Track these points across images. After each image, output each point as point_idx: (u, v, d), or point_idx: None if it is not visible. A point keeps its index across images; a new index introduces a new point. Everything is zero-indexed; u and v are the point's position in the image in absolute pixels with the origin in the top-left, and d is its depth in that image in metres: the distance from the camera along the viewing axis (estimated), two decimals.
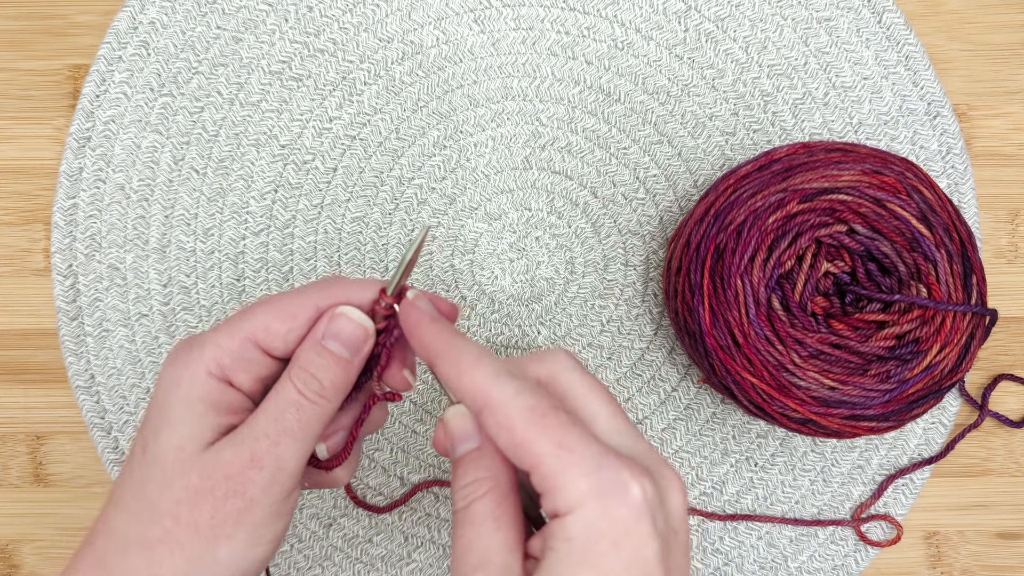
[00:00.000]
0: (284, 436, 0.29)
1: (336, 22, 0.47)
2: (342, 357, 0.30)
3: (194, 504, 0.28)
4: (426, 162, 0.47)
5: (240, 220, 0.47)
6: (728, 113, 0.47)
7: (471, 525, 0.27)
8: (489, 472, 0.28)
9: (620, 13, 0.47)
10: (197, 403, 0.29)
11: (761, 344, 0.38)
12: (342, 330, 0.31)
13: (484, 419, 0.27)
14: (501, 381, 0.27)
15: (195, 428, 0.29)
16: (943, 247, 0.38)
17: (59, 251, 0.47)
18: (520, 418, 0.26)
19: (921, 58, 0.47)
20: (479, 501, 0.28)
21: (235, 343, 0.30)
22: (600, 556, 0.25)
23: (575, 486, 0.25)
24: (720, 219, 0.40)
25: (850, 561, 0.46)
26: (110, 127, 0.47)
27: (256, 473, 0.29)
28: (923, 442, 0.46)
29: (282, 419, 0.29)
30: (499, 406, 0.27)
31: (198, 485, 0.29)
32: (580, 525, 0.25)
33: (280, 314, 0.31)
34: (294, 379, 0.30)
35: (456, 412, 0.30)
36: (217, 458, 0.29)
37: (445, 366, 0.28)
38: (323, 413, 0.30)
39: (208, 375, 0.30)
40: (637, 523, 0.25)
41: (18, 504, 0.47)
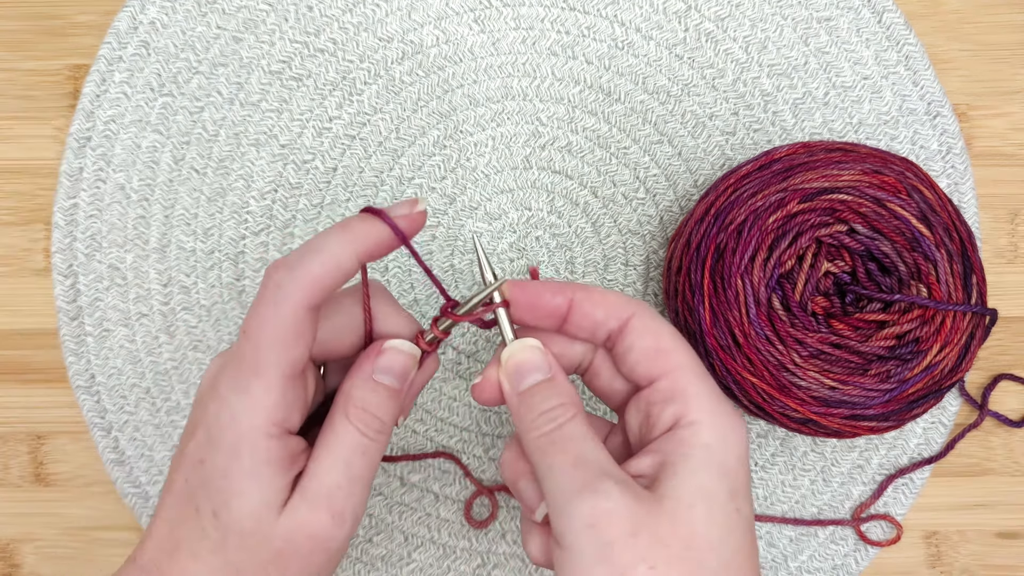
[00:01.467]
0: (357, 484, 0.29)
1: (336, 22, 0.47)
2: (394, 388, 0.30)
3: (281, 566, 0.28)
4: (426, 162, 0.47)
5: (240, 220, 0.47)
6: (728, 113, 0.47)
7: (572, 441, 0.28)
8: (570, 397, 0.29)
9: (620, 13, 0.47)
10: (264, 469, 0.28)
11: (761, 344, 0.38)
12: (393, 363, 0.30)
13: (631, 325, 0.29)
14: (640, 301, 0.30)
15: (267, 494, 0.28)
16: (943, 247, 0.38)
17: (59, 251, 0.47)
18: (666, 329, 0.29)
19: (921, 58, 0.47)
20: (571, 422, 0.28)
21: (280, 394, 0.28)
22: (732, 467, 0.27)
23: (708, 398, 0.28)
24: (720, 219, 0.40)
25: (850, 561, 0.46)
26: (110, 127, 0.47)
27: (337, 530, 0.28)
28: (923, 442, 0.46)
29: (352, 468, 0.29)
30: (648, 317, 0.29)
31: (282, 548, 0.28)
32: (716, 435, 0.27)
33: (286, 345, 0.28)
34: (354, 421, 0.29)
35: (522, 344, 0.30)
36: (297, 520, 0.28)
37: (589, 293, 0.29)
38: (382, 449, 0.30)
39: (268, 438, 0.28)
40: (747, 451, 0.28)
41: (18, 504, 0.47)
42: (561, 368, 0.30)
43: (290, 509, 0.28)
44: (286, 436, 0.29)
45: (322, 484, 0.28)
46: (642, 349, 0.29)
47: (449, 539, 0.46)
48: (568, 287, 0.30)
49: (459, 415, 0.47)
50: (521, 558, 0.46)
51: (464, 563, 0.46)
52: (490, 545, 0.46)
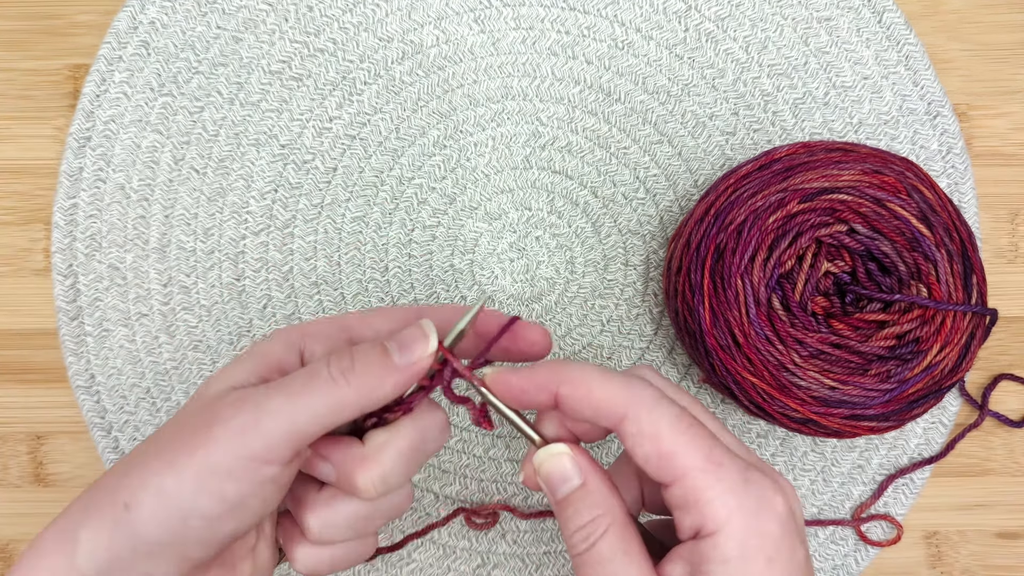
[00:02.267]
0: (279, 393, 0.26)
1: (336, 22, 0.47)
2: (390, 357, 0.28)
3: (173, 431, 0.27)
4: (426, 162, 0.47)
5: (240, 220, 0.47)
6: (728, 113, 0.47)
7: (601, 565, 0.27)
8: (604, 507, 0.27)
9: (620, 13, 0.47)
10: (251, 353, 0.29)
11: (761, 344, 0.38)
12: (406, 335, 0.28)
13: (625, 428, 0.26)
14: (638, 389, 0.27)
15: (232, 371, 0.28)
16: (943, 247, 0.38)
17: (59, 251, 0.47)
18: (667, 426, 0.26)
19: (921, 58, 0.47)
20: (603, 539, 0.27)
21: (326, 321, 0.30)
22: (758, 571, 0.25)
23: (724, 502, 0.25)
24: (720, 219, 0.40)
25: (850, 561, 0.46)
26: (110, 127, 0.47)
27: (229, 411, 0.26)
28: (923, 442, 0.46)
29: (290, 378, 0.27)
30: (642, 414, 0.26)
31: (187, 415, 0.28)
32: (733, 544, 0.25)
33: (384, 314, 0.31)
34: (331, 355, 0.28)
35: (548, 453, 0.28)
36: (222, 397, 0.27)
37: (574, 388, 0.27)
38: (336, 396, 0.26)
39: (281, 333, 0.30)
40: (784, 536, 0.25)
41: (18, 504, 0.47)
42: (596, 468, 0.28)
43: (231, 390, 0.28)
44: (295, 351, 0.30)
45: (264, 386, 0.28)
46: (643, 457, 0.26)
47: (449, 539, 0.46)
48: (553, 376, 0.27)
49: (459, 415, 0.47)
50: (521, 558, 0.46)
51: (464, 563, 0.46)
52: (490, 545, 0.46)
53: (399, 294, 0.47)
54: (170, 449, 0.26)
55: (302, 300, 0.47)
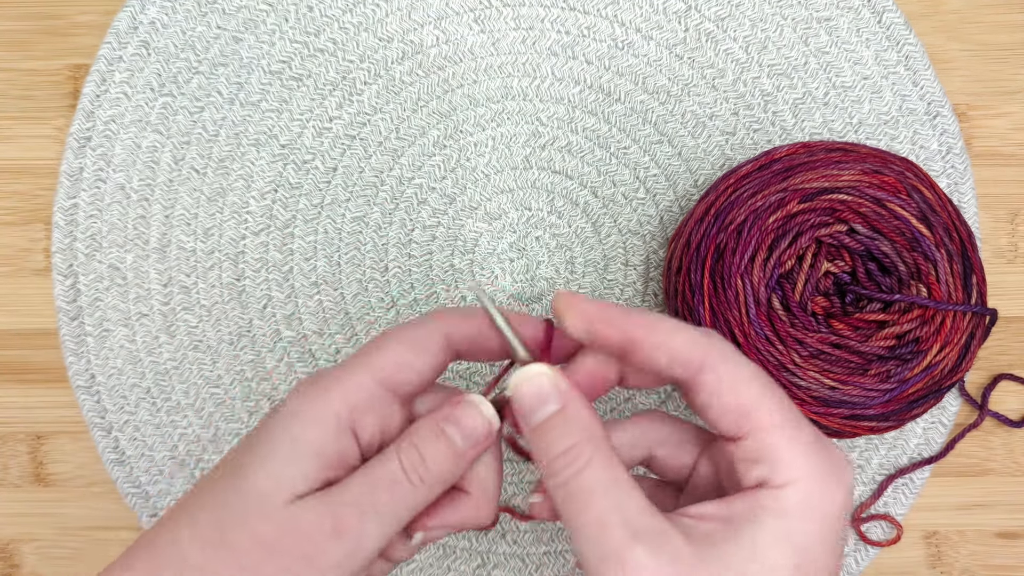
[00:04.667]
0: (372, 514, 0.26)
1: (336, 22, 0.47)
2: (456, 445, 0.27)
3: (263, 557, 0.26)
4: (426, 162, 0.47)
5: (240, 220, 0.47)
6: (728, 113, 0.47)
7: (592, 496, 0.24)
8: (584, 432, 0.25)
9: (620, 13, 0.47)
10: (307, 446, 0.26)
11: (761, 344, 0.38)
12: (464, 418, 0.28)
13: (703, 378, 0.25)
14: (716, 340, 0.26)
15: (293, 475, 0.26)
16: (943, 247, 0.38)
17: (59, 251, 0.47)
18: (747, 380, 0.25)
19: (921, 58, 0.47)
20: (588, 468, 0.25)
21: (367, 380, 0.27)
22: (809, 536, 0.24)
23: (798, 461, 0.24)
24: (720, 219, 0.40)
25: (850, 561, 0.46)
26: (110, 127, 0.47)
27: (333, 545, 0.26)
28: (923, 442, 0.46)
29: (375, 492, 0.26)
30: (723, 363, 0.25)
31: (272, 538, 0.26)
32: (797, 499, 0.24)
33: (412, 346, 0.28)
34: (401, 453, 0.27)
35: (525, 375, 0.26)
36: (299, 514, 0.26)
37: (651, 332, 0.25)
38: (417, 498, 0.27)
39: (334, 416, 0.27)
40: (844, 509, 0.25)
41: (18, 504, 0.47)
42: (577, 393, 0.26)
43: (300, 502, 0.26)
44: (349, 435, 0.27)
45: (341, 495, 0.26)
46: (720, 408, 0.25)
47: (449, 539, 0.46)
48: (627, 319, 0.26)
49: None
50: (521, 558, 0.46)
51: (464, 563, 0.46)
52: (490, 545, 0.46)
53: (399, 294, 0.47)
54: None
55: (302, 300, 0.47)
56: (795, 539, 0.24)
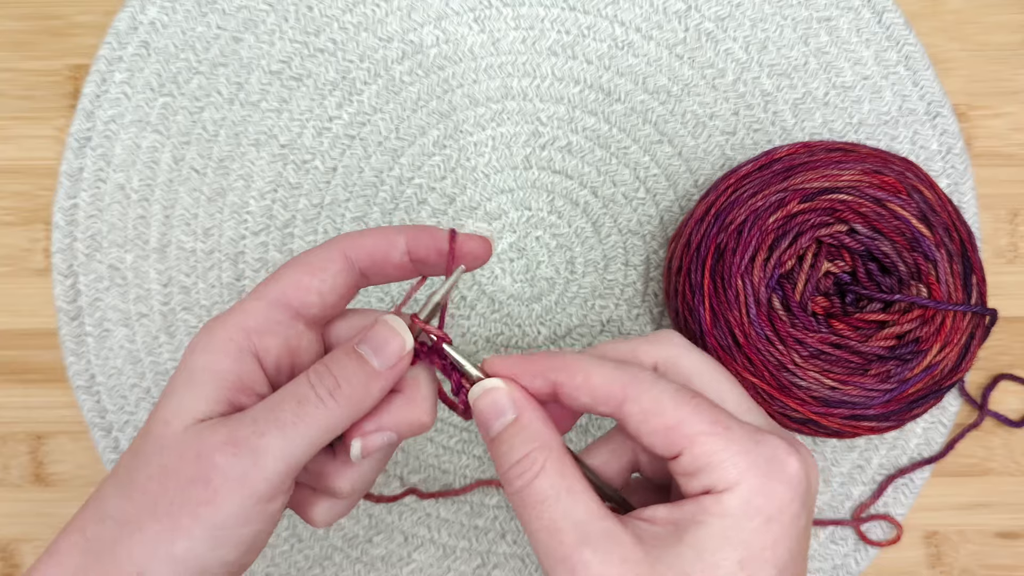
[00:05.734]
0: (272, 428, 0.26)
1: (336, 22, 0.47)
2: (370, 364, 0.27)
3: (161, 485, 0.25)
4: (426, 162, 0.47)
5: (240, 220, 0.47)
6: (728, 113, 0.47)
7: (544, 504, 0.25)
8: (538, 441, 0.26)
9: (620, 13, 0.47)
10: (201, 372, 0.26)
11: (762, 344, 0.38)
12: (377, 336, 0.28)
13: (627, 410, 0.26)
14: (633, 371, 0.26)
15: (190, 401, 0.26)
16: (943, 247, 0.38)
17: (59, 251, 0.47)
18: (668, 400, 0.26)
19: (921, 58, 0.47)
20: (541, 475, 0.26)
21: (262, 305, 0.27)
22: (752, 533, 0.24)
23: (734, 463, 0.25)
24: (721, 219, 0.40)
25: (850, 561, 0.46)
26: (110, 127, 0.47)
27: (227, 460, 0.25)
28: (923, 442, 0.46)
29: (278, 408, 0.26)
30: (643, 392, 0.26)
31: (169, 464, 0.25)
32: (737, 501, 0.25)
33: (308, 268, 0.28)
34: (309, 372, 0.27)
35: (481, 388, 0.27)
36: (194, 436, 0.26)
37: (571, 375, 0.27)
38: (329, 418, 0.26)
39: (227, 340, 0.27)
40: (792, 501, 0.25)
41: (18, 504, 0.47)
42: (531, 404, 0.27)
43: (200, 426, 0.26)
44: (250, 358, 0.27)
45: (243, 414, 0.26)
46: (649, 433, 0.26)
47: (449, 539, 0.46)
48: (549, 367, 0.27)
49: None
50: (521, 558, 0.46)
51: (464, 563, 0.46)
52: (490, 545, 0.46)
53: (399, 295, 0.47)
54: (168, 510, 0.25)
55: None
56: (738, 538, 0.24)
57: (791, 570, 0.25)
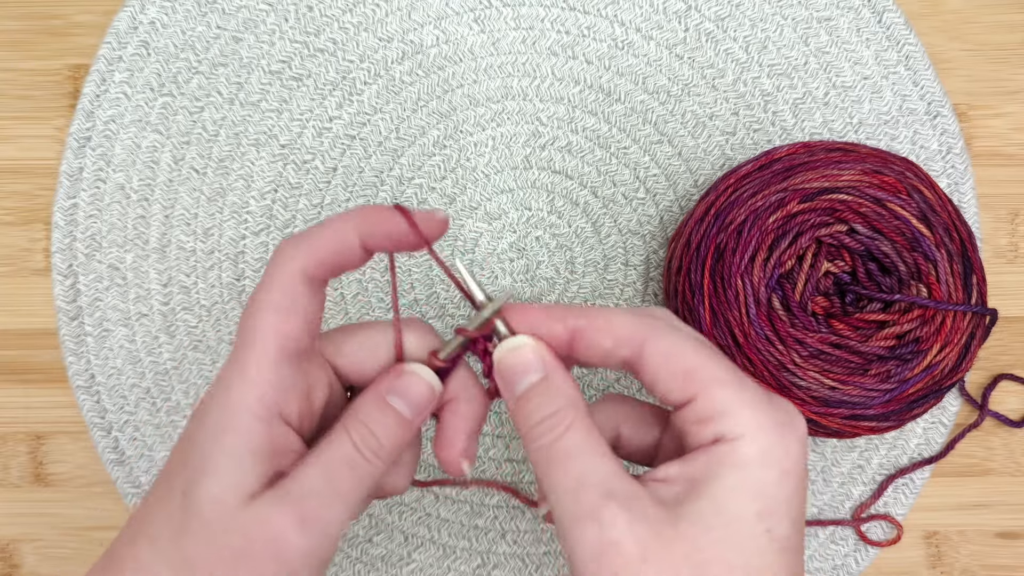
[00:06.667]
0: (335, 499, 0.26)
1: (336, 22, 0.47)
2: (404, 417, 0.28)
3: (232, 567, 0.25)
4: (426, 162, 0.47)
5: (240, 220, 0.47)
6: (728, 113, 0.47)
7: (570, 460, 0.25)
8: (566, 400, 0.27)
9: (620, 13, 0.47)
10: (242, 453, 0.26)
11: (761, 344, 0.38)
12: (409, 388, 0.28)
13: (647, 351, 0.26)
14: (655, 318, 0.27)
15: (240, 479, 0.26)
16: (943, 247, 0.38)
17: (59, 251, 0.47)
18: (689, 346, 0.26)
19: (921, 58, 0.47)
20: (569, 433, 0.26)
21: (267, 368, 0.27)
22: (770, 485, 0.25)
23: (750, 413, 0.25)
24: (720, 219, 0.40)
25: (850, 561, 0.46)
26: (110, 127, 0.47)
27: (300, 539, 0.26)
28: (923, 442, 0.46)
29: (335, 478, 0.26)
30: (662, 336, 0.26)
31: (238, 546, 0.25)
32: (754, 451, 0.25)
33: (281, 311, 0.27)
34: (351, 432, 0.27)
35: (510, 345, 0.28)
36: (261, 516, 0.26)
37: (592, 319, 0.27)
38: (376, 474, 0.27)
39: (254, 419, 0.26)
40: (801, 457, 0.25)
41: (18, 504, 0.47)
42: (559, 364, 0.27)
43: (257, 503, 0.26)
44: (278, 423, 0.27)
45: (297, 485, 0.26)
46: (667, 376, 0.26)
47: (449, 539, 0.46)
48: (569, 313, 0.27)
49: None
50: (521, 558, 0.46)
51: (464, 563, 0.46)
52: (490, 545, 0.46)
53: (399, 294, 0.47)
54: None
55: None
56: (755, 487, 0.25)
57: (800, 528, 0.25)
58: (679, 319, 0.29)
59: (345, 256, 0.28)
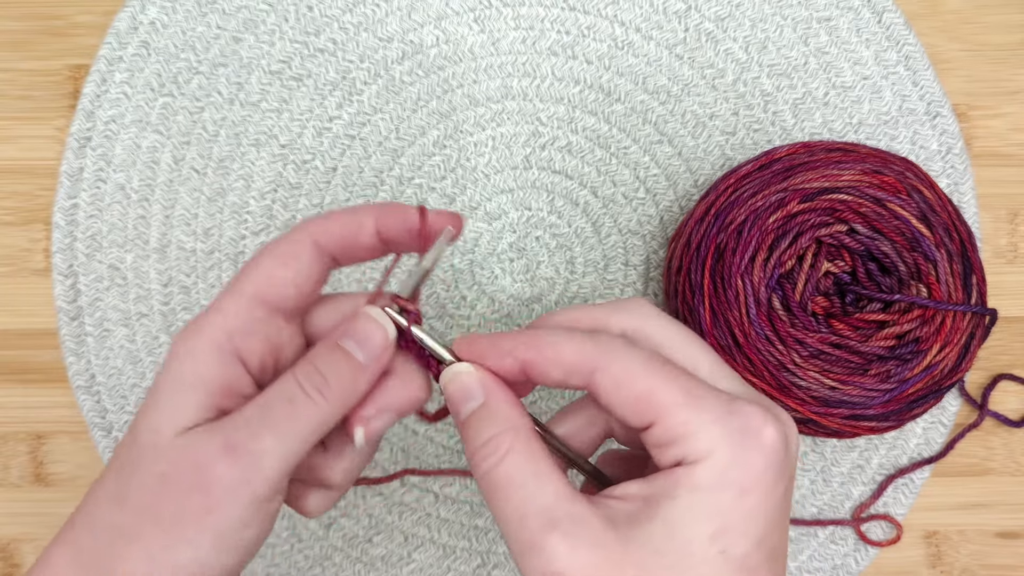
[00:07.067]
0: (267, 430, 0.25)
1: (336, 22, 0.47)
2: (355, 358, 0.27)
3: (159, 495, 0.25)
4: (426, 162, 0.47)
5: (240, 220, 0.47)
6: (728, 113, 0.47)
7: (511, 488, 0.25)
8: (505, 424, 0.26)
9: (620, 13, 0.47)
10: (188, 379, 0.26)
11: (762, 344, 0.39)
12: (360, 330, 0.27)
13: (597, 381, 0.25)
14: (603, 340, 0.26)
15: (179, 409, 0.26)
16: (943, 247, 0.38)
17: (59, 251, 0.47)
18: (639, 368, 0.25)
19: (921, 58, 0.47)
20: (507, 458, 0.25)
21: (241, 303, 0.27)
22: (726, 505, 0.24)
23: (707, 433, 0.24)
24: (721, 219, 0.40)
25: (850, 561, 0.46)
26: (110, 127, 0.47)
27: (226, 468, 0.25)
28: (923, 442, 0.46)
29: (270, 410, 0.26)
30: (612, 362, 0.25)
31: (166, 473, 0.25)
32: (711, 473, 0.24)
33: (280, 259, 0.27)
34: (296, 371, 0.27)
35: (451, 373, 0.27)
36: (189, 443, 0.25)
37: (540, 351, 0.26)
38: (320, 415, 0.26)
39: (211, 345, 0.26)
40: (767, 470, 0.24)
41: (18, 504, 0.47)
42: (499, 386, 0.27)
43: (190, 433, 0.25)
44: (234, 362, 0.26)
45: (233, 418, 0.26)
46: (620, 403, 0.25)
47: (449, 539, 0.46)
48: (518, 345, 0.26)
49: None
50: None
51: (464, 563, 0.46)
52: (490, 545, 0.46)
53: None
54: (171, 519, 0.25)
55: None
56: (710, 511, 0.24)
57: (769, 541, 0.24)
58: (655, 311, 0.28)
59: (357, 237, 0.28)
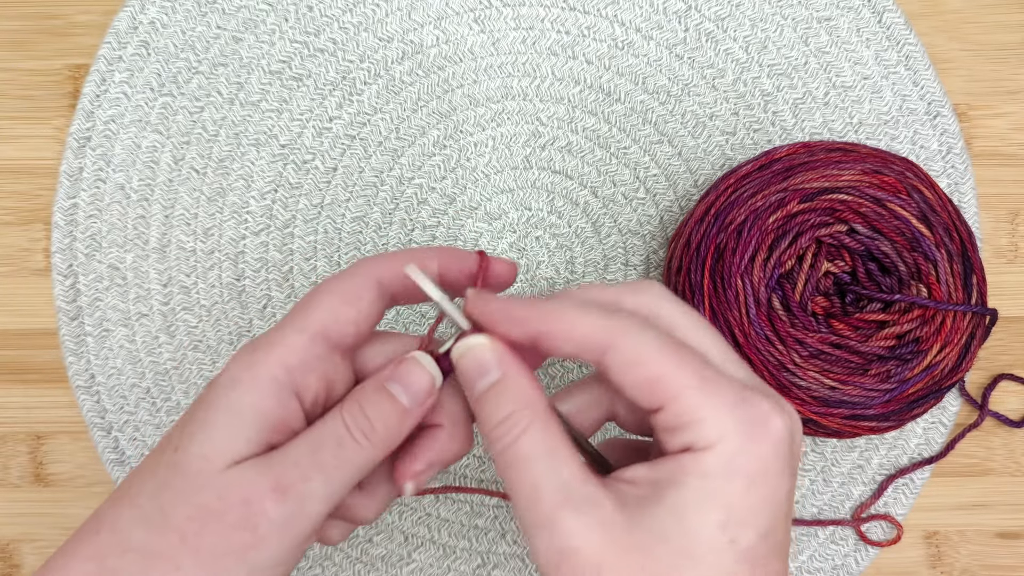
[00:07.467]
0: (317, 472, 0.26)
1: (336, 22, 0.47)
2: (401, 404, 0.27)
3: (202, 526, 0.25)
4: (426, 162, 0.47)
5: (240, 220, 0.47)
6: (728, 113, 0.47)
7: (526, 463, 0.25)
8: (523, 401, 0.25)
9: (620, 13, 0.47)
10: (246, 411, 0.26)
11: (761, 344, 0.39)
12: (408, 375, 0.28)
13: (609, 359, 0.25)
14: (619, 319, 0.25)
15: (232, 439, 0.26)
16: (943, 247, 0.38)
17: (59, 251, 0.47)
18: (653, 350, 0.25)
19: (921, 58, 0.47)
20: (524, 436, 0.25)
21: (304, 340, 0.27)
22: (734, 495, 0.24)
23: (718, 420, 0.24)
24: (720, 219, 0.40)
25: (850, 561, 0.46)
26: (110, 127, 0.47)
27: (274, 507, 0.25)
28: (923, 442, 0.46)
29: (319, 452, 0.26)
30: (626, 341, 0.25)
31: (212, 505, 0.25)
32: (719, 461, 0.24)
33: (344, 297, 0.28)
34: (344, 412, 0.27)
35: (465, 346, 0.27)
36: (239, 477, 0.25)
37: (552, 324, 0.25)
38: (365, 459, 0.27)
39: (271, 378, 0.26)
40: (775, 460, 0.24)
41: (18, 504, 0.47)
42: (516, 361, 0.26)
43: (240, 466, 0.25)
44: (290, 396, 0.27)
45: (283, 455, 0.26)
46: (632, 385, 0.25)
47: (449, 539, 0.46)
48: (531, 315, 0.26)
49: None
50: (521, 558, 0.46)
51: (464, 563, 0.46)
52: (490, 545, 0.46)
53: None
54: (211, 551, 0.25)
55: None
56: (718, 499, 0.24)
57: (775, 535, 0.24)
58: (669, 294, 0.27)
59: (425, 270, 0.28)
